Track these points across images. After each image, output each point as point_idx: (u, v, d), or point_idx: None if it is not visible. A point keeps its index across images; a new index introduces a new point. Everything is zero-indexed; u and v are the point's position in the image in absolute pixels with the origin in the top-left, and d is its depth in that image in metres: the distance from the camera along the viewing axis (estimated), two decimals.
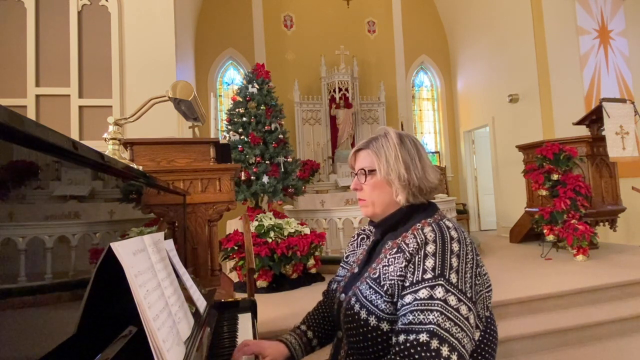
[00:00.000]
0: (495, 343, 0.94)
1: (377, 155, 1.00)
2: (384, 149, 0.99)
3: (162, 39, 4.24)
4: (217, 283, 1.88)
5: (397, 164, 0.97)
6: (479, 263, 0.90)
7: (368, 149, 1.03)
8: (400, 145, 0.99)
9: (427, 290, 0.82)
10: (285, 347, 1.08)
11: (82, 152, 0.60)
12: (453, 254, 0.85)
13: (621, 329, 2.76)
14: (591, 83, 5.75)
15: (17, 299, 0.48)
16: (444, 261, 0.84)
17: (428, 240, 0.88)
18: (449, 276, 0.82)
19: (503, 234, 6.33)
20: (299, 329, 1.15)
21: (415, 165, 0.97)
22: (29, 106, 3.89)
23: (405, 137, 1.02)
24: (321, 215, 4.45)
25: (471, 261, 0.86)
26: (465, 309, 0.81)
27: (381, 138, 1.02)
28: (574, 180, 4.34)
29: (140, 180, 1.04)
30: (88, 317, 0.62)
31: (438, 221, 0.94)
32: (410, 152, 0.99)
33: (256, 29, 7.15)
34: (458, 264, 0.84)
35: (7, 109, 0.39)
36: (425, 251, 0.87)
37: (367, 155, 1.02)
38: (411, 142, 1.01)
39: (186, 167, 1.90)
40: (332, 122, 6.94)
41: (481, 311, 0.89)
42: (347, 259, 1.18)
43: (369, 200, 1.02)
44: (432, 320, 0.78)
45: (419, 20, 7.97)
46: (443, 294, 0.81)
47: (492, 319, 0.94)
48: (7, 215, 0.47)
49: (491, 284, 0.95)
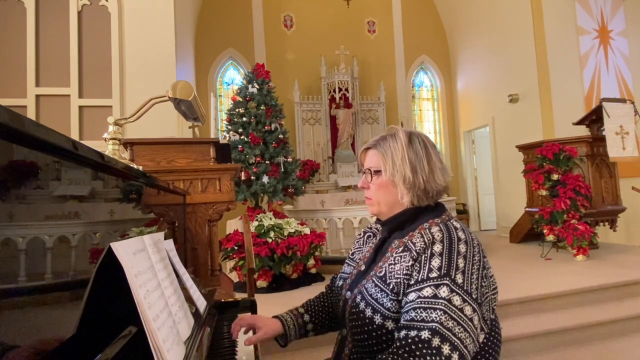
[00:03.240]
0: (499, 346, 0.94)
1: (384, 156, 0.99)
2: (391, 149, 0.99)
3: (162, 39, 4.24)
4: (217, 283, 1.89)
5: (403, 166, 0.96)
6: (486, 265, 0.89)
7: (376, 148, 1.02)
8: (409, 146, 0.98)
9: (431, 288, 0.82)
10: (279, 324, 1.10)
11: (82, 152, 0.60)
12: (460, 254, 0.85)
13: (621, 329, 2.75)
14: (591, 83, 5.75)
15: (17, 299, 0.48)
16: (451, 261, 0.84)
17: (435, 239, 0.88)
18: (454, 276, 0.82)
19: (503, 234, 6.32)
20: (297, 311, 1.17)
21: (422, 167, 0.96)
22: (29, 106, 3.89)
23: (415, 137, 1.01)
24: (321, 215, 4.46)
25: (478, 262, 0.86)
26: (470, 309, 0.81)
27: (390, 138, 1.01)
28: (574, 180, 4.34)
29: (140, 180, 1.04)
30: (88, 317, 0.62)
31: (446, 222, 0.94)
32: (418, 153, 0.98)
33: (256, 29, 7.15)
34: (465, 264, 0.84)
35: (7, 109, 0.39)
36: (432, 250, 0.87)
37: (374, 154, 1.02)
38: (421, 142, 1.00)
39: (186, 167, 1.90)
40: (332, 122, 6.94)
41: (486, 313, 0.88)
42: (352, 256, 1.17)
43: (375, 199, 1.02)
44: (434, 318, 0.78)
45: (419, 20, 7.97)
46: (448, 293, 0.81)
47: (496, 321, 0.94)
48: (7, 215, 0.47)
49: (497, 286, 0.94)
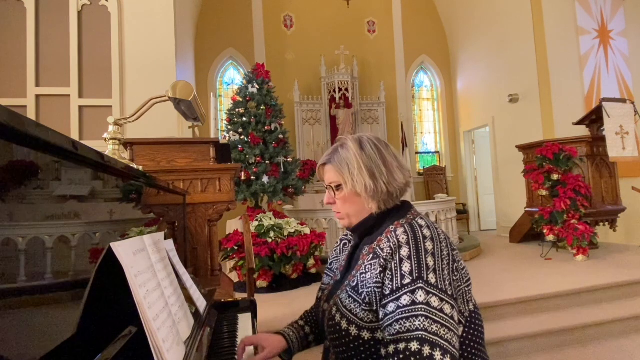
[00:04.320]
0: (481, 337, 0.93)
1: (340, 169, 0.98)
2: (345, 161, 0.97)
3: (162, 39, 4.24)
4: (217, 283, 1.88)
5: (362, 175, 0.95)
6: (456, 258, 0.89)
7: (331, 163, 1.01)
8: (361, 153, 0.97)
9: (408, 296, 0.81)
10: (283, 340, 1.10)
11: (82, 152, 0.60)
12: (427, 253, 0.85)
13: (621, 329, 2.76)
14: (591, 83, 5.75)
15: (17, 299, 0.48)
16: (420, 262, 0.84)
17: (401, 243, 0.87)
18: (427, 277, 0.82)
19: (503, 234, 6.33)
20: (297, 324, 1.17)
21: (380, 172, 0.95)
22: (29, 106, 3.89)
23: (365, 142, 0.99)
24: (321, 215, 4.46)
25: (447, 257, 0.86)
26: (449, 307, 0.81)
27: (341, 149, 1.00)
28: (574, 180, 4.34)
29: (140, 180, 1.04)
30: (88, 317, 0.62)
31: (410, 221, 0.93)
32: (372, 157, 0.96)
33: (256, 29, 7.15)
34: (434, 262, 0.84)
35: (7, 109, 0.39)
36: (399, 255, 0.86)
37: (331, 169, 1.01)
38: (372, 145, 0.98)
39: (186, 167, 1.90)
40: (332, 122, 6.94)
41: (462, 306, 0.88)
42: (330, 265, 1.16)
43: (344, 212, 1.02)
44: (418, 326, 0.78)
45: (419, 20, 7.97)
46: (424, 296, 0.80)
47: (476, 312, 0.93)
48: (7, 215, 0.47)
49: (470, 277, 0.94)
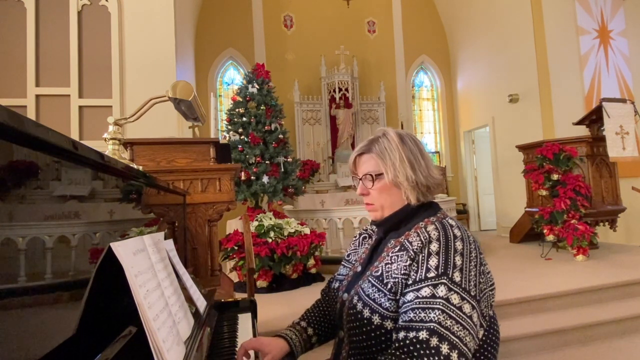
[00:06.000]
0: (497, 342, 0.94)
1: (382, 158, 0.98)
2: (387, 151, 0.97)
3: (162, 39, 4.24)
4: (217, 283, 1.88)
5: (403, 165, 0.95)
6: (483, 262, 0.89)
7: (371, 152, 1.00)
8: (402, 145, 0.98)
9: (429, 288, 0.82)
10: (285, 343, 1.07)
11: (82, 152, 0.60)
12: (457, 252, 0.85)
13: (621, 329, 2.75)
14: (591, 83, 5.74)
15: (17, 299, 0.48)
16: (448, 260, 0.84)
17: (432, 238, 0.88)
18: (452, 275, 0.82)
19: (503, 234, 6.32)
20: (299, 325, 1.14)
21: (419, 164, 0.97)
22: (29, 106, 3.89)
23: (405, 136, 1.01)
24: (321, 215, 4.45)
25: (475, 259, 0.86)
26: (469, 307, 0.81)
27: (382, 139, 1.00)
28: (574, 180, 4.34)
29: (140, 180, 1.04)
30: (88, 317, 0.62)
31: (441, 220, 0.94)
32: (412, 150, 0.98)
33: (256, 29, 7.15)
34: (462, 262, 0.84)
35: (7, 109, 0.38)
36: (429, 249, 0.86)
37: (371, 159, 1.00)
38: (411, 140, 1.00)
39: (186, 167, 1.90)
40: (332, 122, 6.94)
41: (485, 310, 0.88)
42: (348, 257, 1.17)
43: (378, 204, 1.01)
44: (432, 318, 0.78)
45: (419, 20, 7.97)
46: (445, 292, 0.80)
47: (494, 318, 0.94)
48: (7, 215, 0.47)
49: (494, 282, 0.95)
